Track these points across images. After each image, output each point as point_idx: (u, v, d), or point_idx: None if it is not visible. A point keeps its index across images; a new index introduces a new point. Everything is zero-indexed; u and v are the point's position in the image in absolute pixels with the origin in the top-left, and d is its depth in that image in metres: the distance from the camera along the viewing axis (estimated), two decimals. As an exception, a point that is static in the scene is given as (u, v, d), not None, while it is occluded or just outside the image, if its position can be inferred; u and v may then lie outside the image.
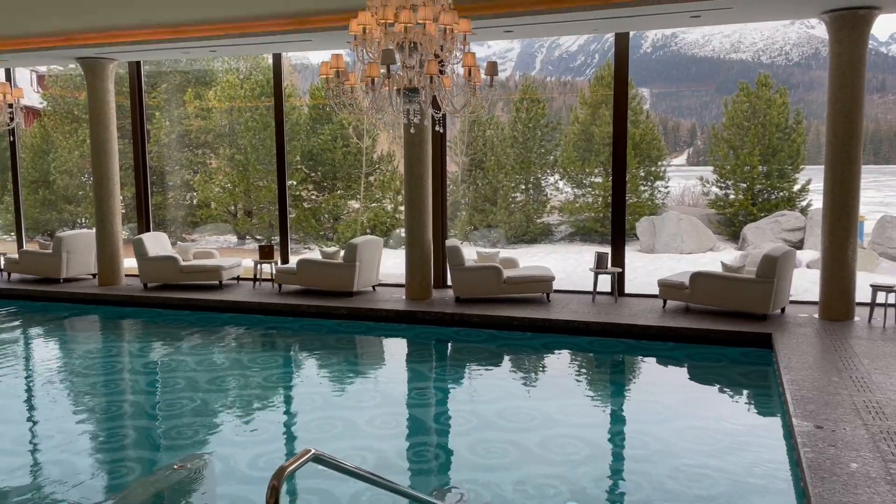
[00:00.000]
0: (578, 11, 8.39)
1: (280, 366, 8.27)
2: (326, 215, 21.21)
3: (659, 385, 7.49)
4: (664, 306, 9.53)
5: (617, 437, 6.02)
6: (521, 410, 6.45)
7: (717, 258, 15.70)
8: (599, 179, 21.27)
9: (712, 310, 9.18)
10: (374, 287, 11.12)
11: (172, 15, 9.25)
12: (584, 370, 8.19)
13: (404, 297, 10.47)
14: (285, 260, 12.03)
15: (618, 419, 6.49)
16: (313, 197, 21.28)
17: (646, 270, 16.09)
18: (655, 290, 9.76)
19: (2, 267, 12.76)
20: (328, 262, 10.67)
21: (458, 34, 5.36)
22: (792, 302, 9.58)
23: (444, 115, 5.84)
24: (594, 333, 8.77)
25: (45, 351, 9.33)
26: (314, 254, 11.11)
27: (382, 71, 5.09)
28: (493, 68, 5.45)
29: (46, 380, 7.89)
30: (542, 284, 9.99)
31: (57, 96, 22.02)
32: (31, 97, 22.89)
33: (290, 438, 6.01)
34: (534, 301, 10.04)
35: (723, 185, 21.59)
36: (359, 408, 6.69)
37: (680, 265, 16.27)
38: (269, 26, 9.53)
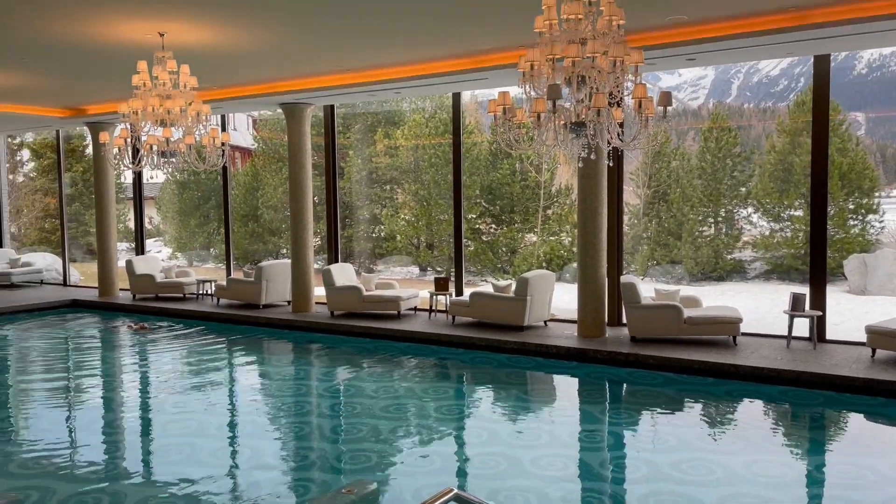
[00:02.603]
0: (770, 35, 7.82)
1: (451, 397, 8.37)
2: (503, 248, 21.41)
3: (865, 446, 6.61)
4: (873, 356, 8.44)
5: (814, 500, 5.37)
6: (700, 463, 5.98)
7: (945, 302, 13.68)
8: (800, 213, 19.50)
9: (935, 362, 7.99)
10: (545, 322, 10.98)
11: (360, 61, 9.91)
12: (774, 423, 7.44)
13: (576, 333, 10.21)
14: (459, 292, 12.27)
15: (814, 481, 5.79)
16: (491, 230, 21.59)
17: (854, 314, 14.41)
18: (863, 337, 8.68)
19: (213, 293, 14.25)
20: (500, 295, 10.71)
21: (628, 66, 5.19)
22: None
23: (616, 149, 5.67)
24: (787, 383, 7.96)
25: (243, 371, 10.21)
26: (488, 287, 11.23)
27: (549, 106, 5.05)
28: (666, 99, 5.21)
29: (242, 398, 8.61)
30: (727, 326, 9.29)
31: (266, 138, 24.42)
32: (247, 139, 25.60)
33: (457, 472, 6.03)
34: (718, 344, 9.35)
35: (952, 218, 18.87)
36: (526, 446, 6.57)
37: (896, 309, 14.40)
38: (447, 67, 9.90)
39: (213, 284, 14.41)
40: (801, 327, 9.46)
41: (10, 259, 17.57)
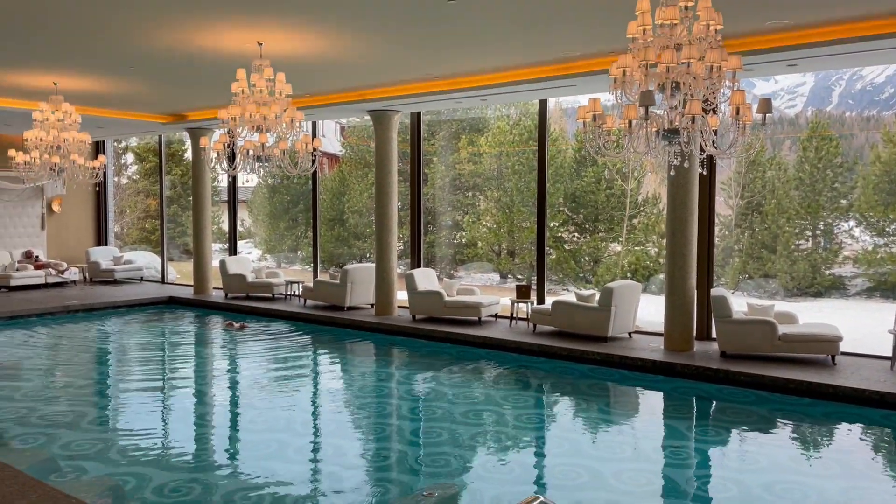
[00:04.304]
0: (878, 40, 7.40)
1: (531, 406, 8.31)
2: (586, 257, 21.09)
3: (980, 478, 6.14)
4: None
5: (918, 535, 5.03)
6: (793, 486, 5.70)
7: None
8: (906, 226, 18.32)
9: None
10: (629, 334, 10.74)
11: (448, 69, 10.00)
12: (876, 448, 7.01)
13: (662, 346, 9.94)
14: (541, 300, 12.16)
15: (920, 513, 5.42)
16: (574, 238, 21.32)
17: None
18: (979, 362, 8.07)
19: (300, 294, 14.68)
20: (583, 304, 10.55)
21: (726, 71, 5.03)
22: None
23: (709, 157, 5.50)
24: (891, 407, 7.48)
25: (327, 371, 10.46)
26: (571, 296, 11.08)
27: (641, 112, 4.95)
28: (766, 106, 5.01)
29: (328, 398, 8.82)
30: (826, 345, 8.83)
31: (353, 144, 25.01)
32: (335, 146, 26.27)
33: (536, 481, 5.97)
34: (815, 363, 8.89)
35: None
36: (608, 459, 6.44)
37: None
38: (534, 73, 9.86)
39: (300, 286, 14.85)
40: (908, 348, 8.88)
41: (114, 256, 18.65)
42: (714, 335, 9.80)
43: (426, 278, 12.67)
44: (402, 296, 13.14)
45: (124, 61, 9.60)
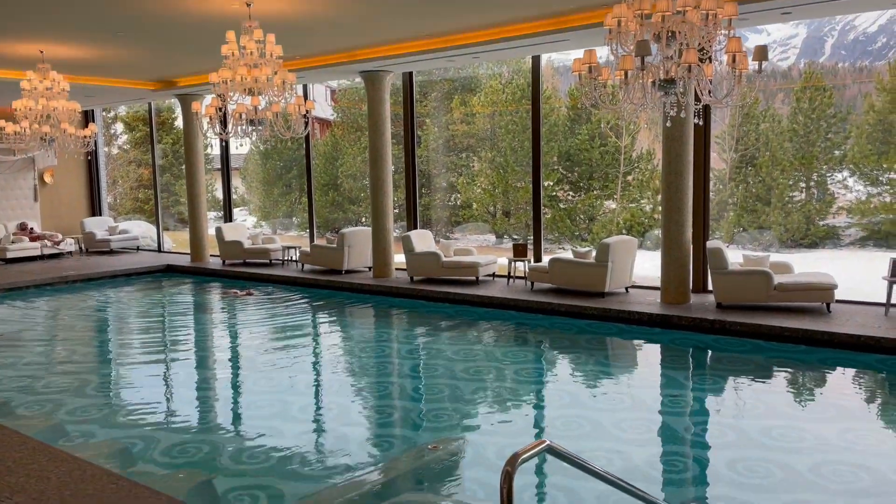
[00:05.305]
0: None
1: (531, 361, 8.41)
2: (582, 216, 21.11)
3: (972, 418, 6.27)
4: (983, 325, 7.96)
5: (911, 472, 5.15)
6: (790, 430, 5.81)
7: None
8: (900, 176, 18.36)
9: None
10: (626, 289, 10.82)
11: (439, 26, 9.88)
12: (871, 392, 7.14)
13: (659, 300, 10.03)
14: (538, 258, 12.22)
15: (914, 452, 5.55)
16: (569, 197, 21.30)
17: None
18: (971, 306, 8.18)
19: (297, 259, 14.70)
20: (580, 261, 10.61)
21: (721, 19, 4.99)
22: None
23: (705, 107, 5.48)
24: (886, 351, 7.61)
25: (328, 333, 10.54)
26: (567, 254, 11.13)
27: (637, 63, 4.92)
28: (761, 53, 4.98)
29: (329, 358, 8.91)
30: (820, 293, 8.92)
31: (345, 108, 24.77)
32: (325, 111, 26.02)
33: (538, 432, 6.08)
34: (810, 311, 9.00)
35: None
36: (608, 409, 6.55)
37: None
38: (527, 28, 9.75)
39: (297, 251, 14.86)
40: (902, 295, 8.99)
41: (109, 226, 18.60)
42: (710, 287, 9.89)
43: (423, 240, 12.70)
44: (399, 258, 13.18)
45: (110, 26, 9.45)
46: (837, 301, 9.16)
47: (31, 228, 17.53)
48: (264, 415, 6.58)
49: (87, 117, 19.04)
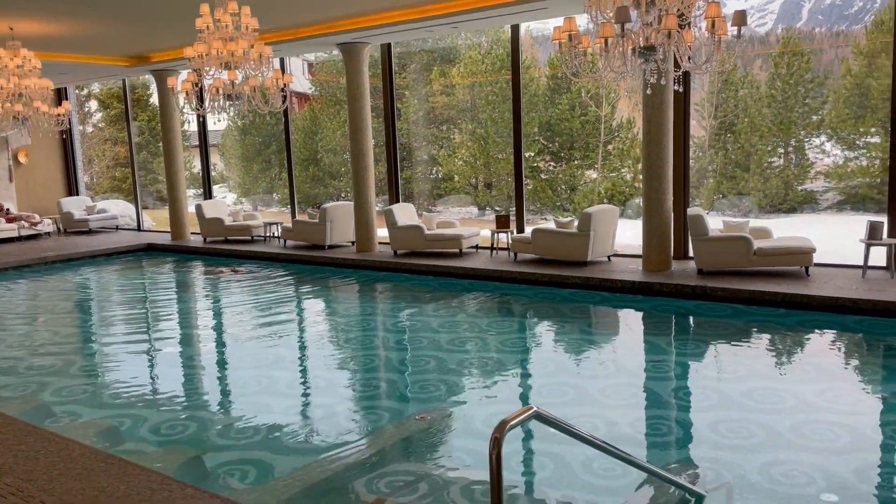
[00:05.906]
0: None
1: (515, 331, 8.48)
2: (563, 186, 21.15)
3: (946, 375, 6.43)
4: (957, 284, 8.12)
5: (888, 427, 5.29)
6: (770, 391, 5.93)
7: None
8: (877, 139, 18.56)
9: None
10: (609, 257, 10.91)
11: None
12: (849, 352, 7.29)
13: (641, 268, 10.12)
14: (521, 229, 12.25)
15: (891, 408, 5.69)
16: (550, 168, 21.32)
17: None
18: (946, 266, 8.34)
19: (279, 235, 14.63)
20: (562, 231, 10.66)
21: (701, -17, 4.97)
22: None
23: (685, 74, 5.49)
24: (864, 312, 7.75)
25: (313, 308, 10.54)
26: (550, 224, 11.17)
27: (616, 30, 4.91)
28: (740, 18, 4.98)
29: (315, 333, 8.92)
30: (799, 257, 9.05)
31: (323, 81, 24.48)
32: (303, 84, 25.69)
33: (524, 400, 6.15)
34: (789, 275, 9.13)
35: None
36: (592, 376, 6.64)
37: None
38: (506, -3, 9.66)
39: (279, 227, 14.78)
40: (878, 257, 9.14)
41: (87, 206, 18.35)
42: (691, 254, 9.99)
43: (405, 213, 12.67)
44: (381, 232, 13.15)
45: (80, 0, 9.23)
46: (816, 265, 9.29)
47: (8, 210, 17.26)
48: (251, 391, 6.59)
49: (61, 95, 18.67)
